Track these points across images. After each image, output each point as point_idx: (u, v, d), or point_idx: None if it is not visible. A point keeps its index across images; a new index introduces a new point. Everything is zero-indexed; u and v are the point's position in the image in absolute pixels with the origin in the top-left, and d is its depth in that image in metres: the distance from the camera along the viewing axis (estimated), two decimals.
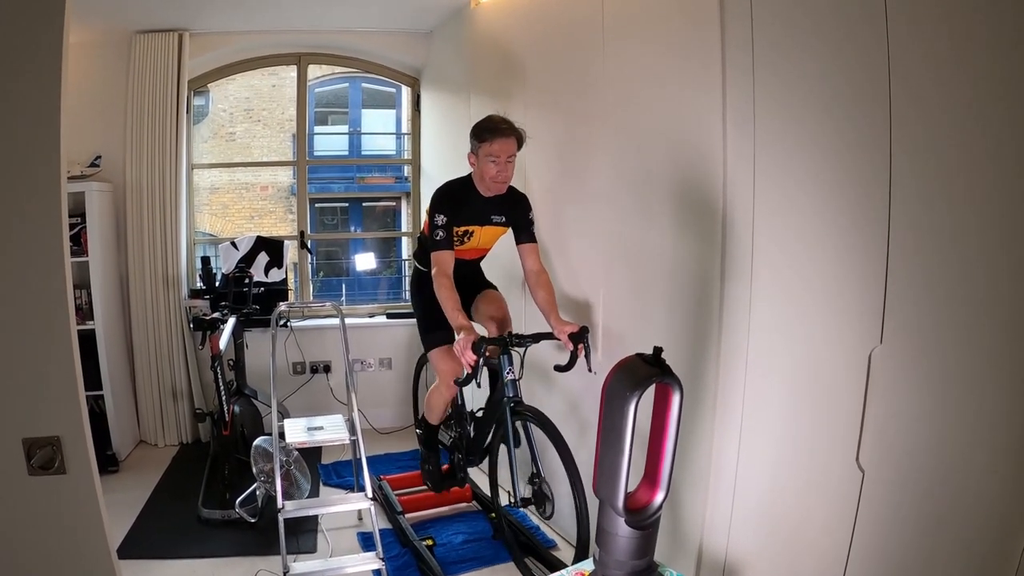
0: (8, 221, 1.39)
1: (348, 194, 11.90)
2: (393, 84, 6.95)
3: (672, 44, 2.51)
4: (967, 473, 1.65)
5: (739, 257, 2.23)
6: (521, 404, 2.99)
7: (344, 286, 5.68)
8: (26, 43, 1.36)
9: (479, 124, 3.02)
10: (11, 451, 1.43)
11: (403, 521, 3.61)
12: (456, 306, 2.92)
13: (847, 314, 1.90)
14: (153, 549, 3.40)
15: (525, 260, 3.14)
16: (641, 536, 1.60)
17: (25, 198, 1.39)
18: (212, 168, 7.34)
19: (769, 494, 2.20)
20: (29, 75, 1.36)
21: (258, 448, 3.63)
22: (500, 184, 3.02)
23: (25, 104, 1.37)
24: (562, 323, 2.92)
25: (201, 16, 4.54)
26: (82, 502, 1.51)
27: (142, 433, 4.91)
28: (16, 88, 1.36)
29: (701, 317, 2.41)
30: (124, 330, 4.81)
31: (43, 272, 1.41)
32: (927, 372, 1.73)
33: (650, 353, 1.60)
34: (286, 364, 5.05)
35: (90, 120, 4.58)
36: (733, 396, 2.28)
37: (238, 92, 10.47)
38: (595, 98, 2.99)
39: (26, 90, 1.37)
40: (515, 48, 3.71)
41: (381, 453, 4.71)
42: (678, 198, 2.53)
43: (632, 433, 1.50)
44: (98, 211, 4.38)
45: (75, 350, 1.46)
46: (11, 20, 1.34)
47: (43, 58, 1.37)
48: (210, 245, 6.63)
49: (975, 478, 1.63)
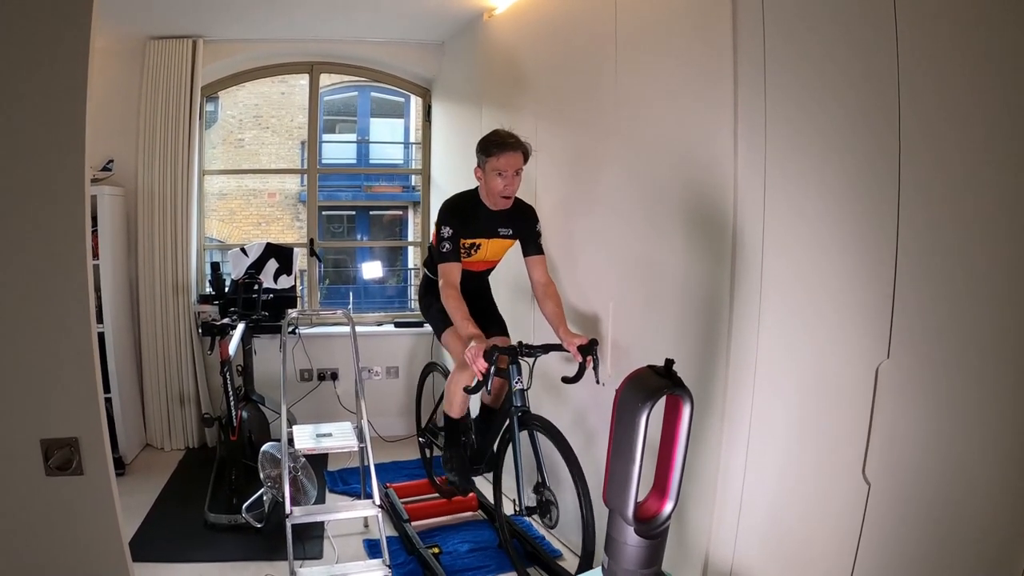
0: (31, 222, 1.41)
1: (355, 202, 11.95)
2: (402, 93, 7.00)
3: (684, 59, 2.53)
4: (973, 487, 1.65)
5: (748, 271, 2.24)
6: (528, 413, 3.00)
7: (351, 294, 5.69)
8: (53, 48, 1.39)
9: (485, 138, 3.04)
10: (29, 452, 1.45)
11: (409, 529, 3.62)
12: (465, 315, 2.94)
13: (855, 328, 1.92)
14: (160, 552, 3.41)
15: (533, 272, 3.16)
16: (650, 545, 1.62)
17: (49, 200, 1.42)
18: (222, 174, 7.39)
19: (775, 506, 2.21)
20: (55, 79, 1.39)
21: (266, 454, 3.64)
22: (506, 199, 3.05)
23: (51, 107, 1.40)
24: (571, 335, 2.93)
25: (216, 24, 4.59)
26: (99, 503, 1.52)
27: (149, 437, 4.93)
28: (42, 92, 1.39)
29: (710, 330, 2.43)
30: (133, 334, 4.83)
31: (64, 273, 1.44)
32: (934, 386, 1.73)
33: (661, 365, 1.61)
34: (294, 371, 5.06)
35: (103, 124, 4.60)
36: (741, 408, 2.29)
37: (247, 99, 10.55)
38: (606, 112, 3.02)
39: (52, 94, 1.40)
40: (527, 61, 3.74)
41: (387, 461, 4.72)
42: (688, 212, 2.55)
43: (643, 444, 1.52)
44: (110, 215, 4.41)
45: (94, 352, 1.48)
46: (39, 25, 1.37)
47: (69, 63, 1.40)
48: (218, 251, 6.66)
49: (981, 492, 1.64)
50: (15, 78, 1.37)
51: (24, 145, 1.39)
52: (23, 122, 1.38)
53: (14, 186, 1.39)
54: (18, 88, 1.37)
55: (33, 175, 1.40)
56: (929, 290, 1.73)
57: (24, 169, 1.39)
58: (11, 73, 1.36)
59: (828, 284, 1.99)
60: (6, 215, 1.39)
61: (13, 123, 1.38)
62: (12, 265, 1.41)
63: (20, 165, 1.39)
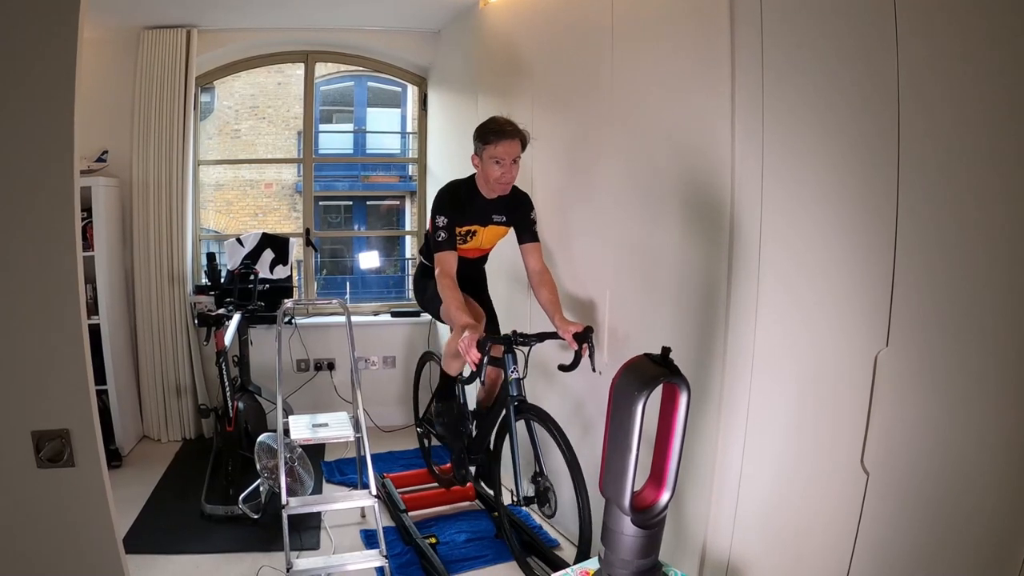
0: (21, 214, 1.39)
1: (352, 192, 11.93)
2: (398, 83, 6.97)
3: (681, 47, 2.51)
4: (972, 476, 1.65)
5: (746, 259, 2.23)
6: (525, 403, 2.99)
7: (348, 284, 5.68)
8: (41, 37, 1.36)
9: (483, 126, 3.02)
10: (20, 444, 1.44)
11: (406, 519, 3.62)
12: (460, 306, 2.93)
13: (853, 316, 1.91)
14: (156, 544, 3.42)
15: (528, 260, 3.15)
16: (647, 535, 1.61)
17: (38, 191, 1.40)
18: (218, 165, 7.35)
19: (773, 494, 2.20)
20: (44, 69, 1.37)
21: (262, 444, 3.63)
22: (504, 186, 3.03)
23: (40, 97, 1.38)
24: (566, 323, 2.92)
25: (209, 13, 4.55)
26: (91, 495, 1.51)
27: (145, 428, 4.93)
28: (31, 82, 1.37)
29: (707, 318, 2.42)
30: (129, 325, 4.82)
31: (54, 265, 1.42)
32: (933, 375, 1.73)
33: (658, 353, 1.60)
34: (290, 361, 5.06)
35: (97, 115, 4.59)
36: (739, 397, 2.29)
37: (244, 89, 10.48)
38: (603, 100, 3.00)
39: (41, 84, 1.37)
40: (523, 49, 3.71)
41: (384, 451, 4.72)
42: (685, 200, 2.53)
43: (640, 432, 1.51)
44: (104, 206, 4.39)
45: (85, 343, 1.47)
46: (27, 15, 1.35)
47: (58, 53, 1.38)
48: (215, 241, 6.64)
49: (980, 481, 1.63)
50: (3, 69, 1.35)
51: (12, 137, 1.36)
52: (12, 114, 1.36)
53: (3, 178, 1.37)
54: (6, 79, 1.35)
55: (22, 166, 1.38)
56: (928, 278, 1.72)
57: (12, 161, 1.37)
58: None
59: (826, 272, 1.98)
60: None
61: (1, 115, 1.36)
62: (2, 257, 1.39)
63: (8, 157, 1.36)
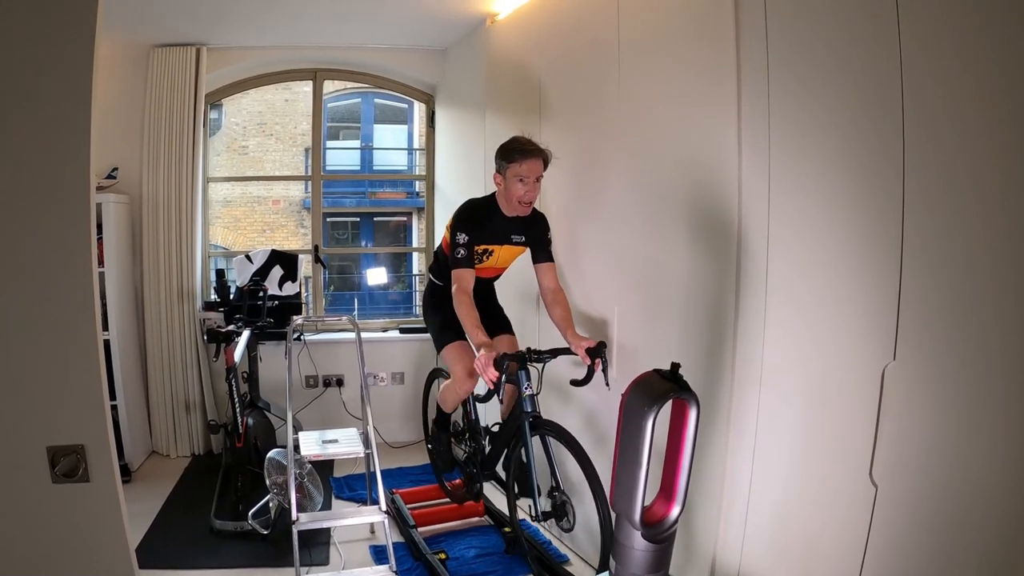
0: (38, 229, 1.41)
1: (360, 208, 11.99)
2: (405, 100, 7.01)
3: (687, 63, 2.53)
4: (981, 489, 1.65)
5: (754, 274, 2.24)
6: (540, 419, 3.00)
7: (356, 300, 5.69)
8: (58, 56, 1.39)
9: (506, 145, 3.06)
10: (35, 459, 1.45)
11: (416, 535, 3.61)
12: (476, 323, 2.94)
13: (860, 330, 1.91)
14: (166, 559, 3.41)
15: (542, 279, 3.18)
16: (657, 549, 1.61)
17: (55, 207, 1.42)
18: (227, 181, 7.40)
19: (782, 509, 2.20)
20: (61, 87, 1.40)
21: (272, 460, 3.64)
22: (526, 205, 3.06)
23: (56, 115, 1.40)
24: (579, 338, 2.94)
25: (219, 31, 4.60)
26: (105, 510, 1.52)
27: (154, 444, 4.93)
28: (48, 99, 1.39)
29: (715, 333, 2.42)
30: (138, 341, 4.84)
31: (71, 280, 1.44)
32: (940, 388, 1.73)
33: (667, 369, 1.61)
34: (299, 377, 5.07)
35: (107, 132, 4.63)
36: (747, 411, 2.29)
37: (251, 106, 10.57)
38: (610, 116, 3.02)
39: (58, 101, 1.40)
40: (531, 66, 3.74)
41: (393, 467, 4.72)
42: (693, 215, 2.54)
43: (650, 448, 1.51)
44: (114, 222, 4.42)
45: (101, 359, 1.48)
46: (44, 32, 1.37)
47: (74, 70, 1.40)
48: (223, 258, 6.67)
49: (989, 494, 1.63)
50: (21, 86, 1.37)
51: (30, 153, 1.39)
52: (29, 130, 1.39)
53: (21, 194, 1.39)
54: (24, 96, 1.38)
55: (39, 182, 1.41)
56: (935, 291, 1.72)
57: (30, 177, 1.39)
58: (17, 81, 1.37)
59: (833, 286, 1.99)
60: (13, 222, 1.39)
61: (19, 131, 1.38)
62: (18, 272, 1.41)
63: (26, 173, 1.39)
